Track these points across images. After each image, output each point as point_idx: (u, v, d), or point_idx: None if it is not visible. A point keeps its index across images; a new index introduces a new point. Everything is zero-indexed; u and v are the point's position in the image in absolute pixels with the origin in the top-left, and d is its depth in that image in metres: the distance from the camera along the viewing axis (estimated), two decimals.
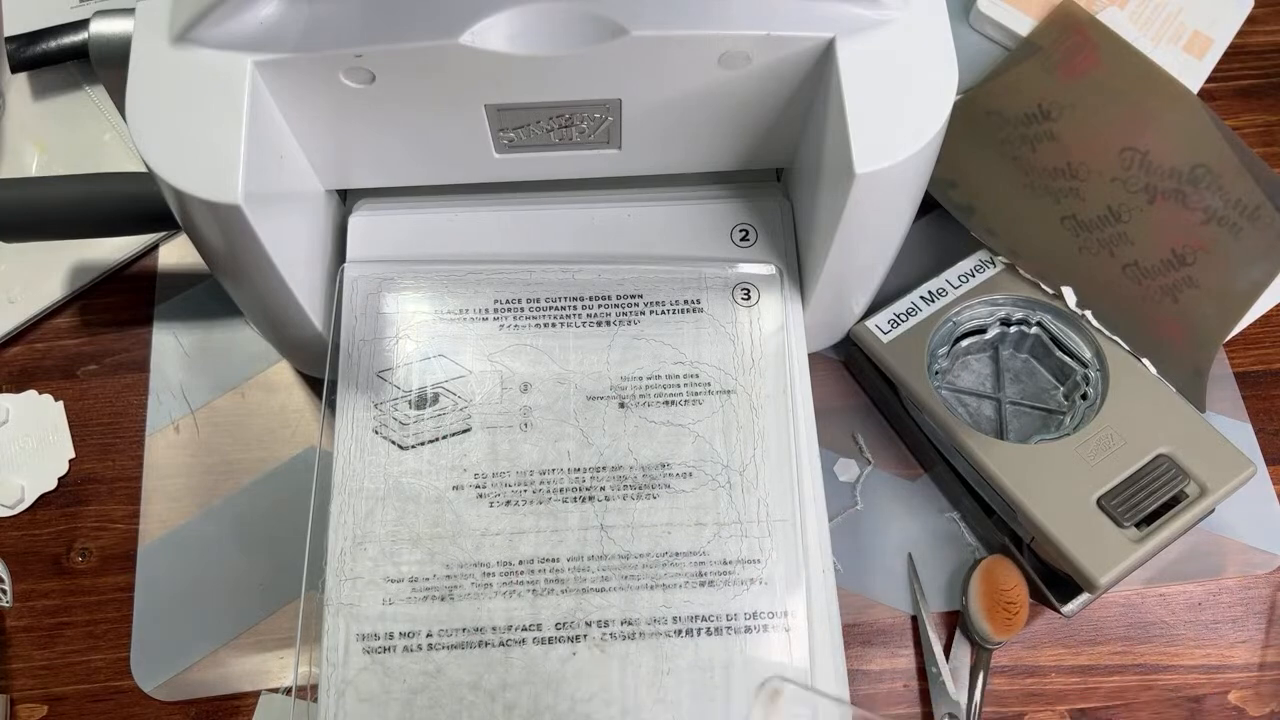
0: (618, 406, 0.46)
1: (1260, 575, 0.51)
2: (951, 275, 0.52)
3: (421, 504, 0.44)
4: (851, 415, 0.54)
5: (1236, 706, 0.49)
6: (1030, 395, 0.52)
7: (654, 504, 0.44)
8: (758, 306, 0.48)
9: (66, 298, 0.56)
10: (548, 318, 0.47)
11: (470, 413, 0.45)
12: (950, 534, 0.51)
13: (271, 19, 0.38)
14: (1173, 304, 0.51)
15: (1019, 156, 0.54)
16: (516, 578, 0.43)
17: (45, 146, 0.59)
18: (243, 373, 0.54)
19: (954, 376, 0.52)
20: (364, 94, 0.40)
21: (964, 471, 0.49)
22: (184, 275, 0.57)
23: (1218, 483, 0.46)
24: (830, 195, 0.42)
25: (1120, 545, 0.45)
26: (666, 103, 0.43)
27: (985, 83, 0.56)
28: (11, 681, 0.49)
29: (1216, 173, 0.52)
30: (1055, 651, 0.50)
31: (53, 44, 0.58)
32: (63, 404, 0.54)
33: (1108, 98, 0.54)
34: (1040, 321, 0.51)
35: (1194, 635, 0.50)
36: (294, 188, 0.44)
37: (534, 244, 0.49)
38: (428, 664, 0.42)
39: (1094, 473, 0.46)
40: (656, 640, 0.42)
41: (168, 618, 0.49)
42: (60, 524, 0.52)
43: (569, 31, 0.39)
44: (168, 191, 0.38)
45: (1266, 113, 0.61)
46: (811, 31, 0.39)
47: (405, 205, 0.49)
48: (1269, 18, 0.63)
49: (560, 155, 0.45)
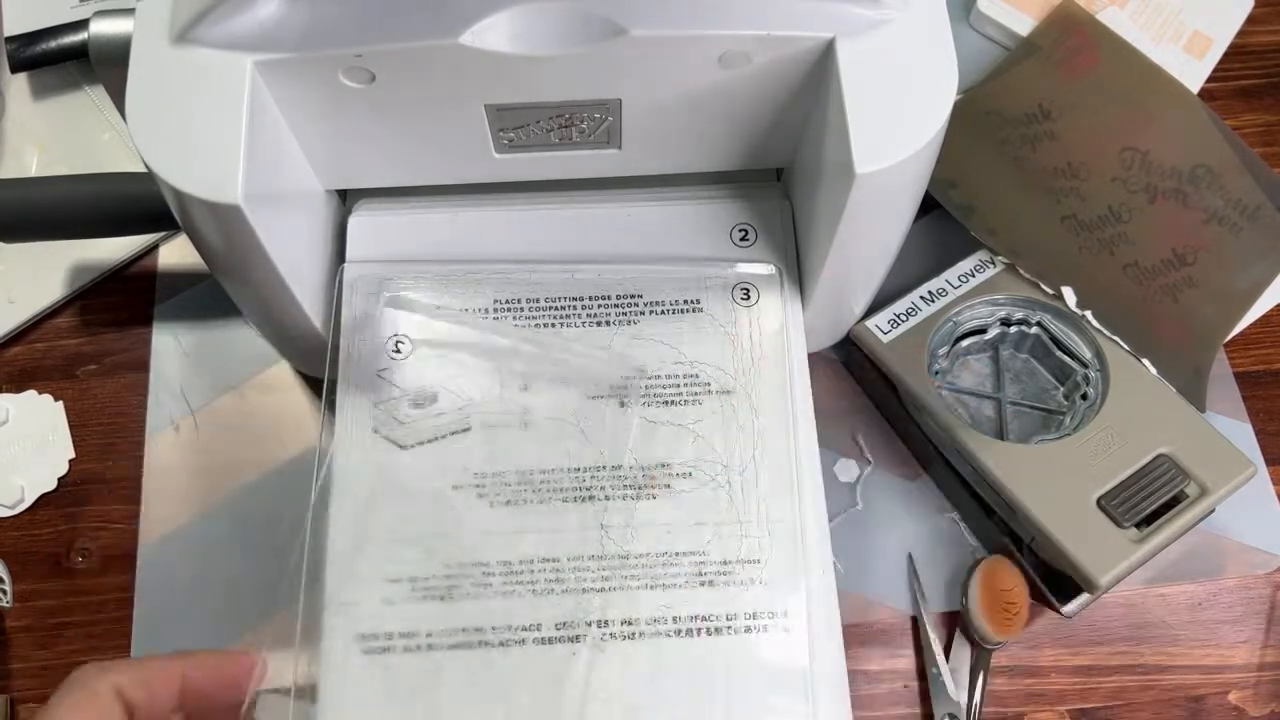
0: (618, 406, 0.46)
1: (1260, 575, 0.51)
2: (951, 275, 0.52)
3: (421, 504, 0.44)
4: (851, 415, 0.53)
5: (1236, 706, 0.49)
6: (1030, 395, 0.52)
7: (654, 504, 0.44)
8: (757, 306, 0.48)
9: (66, 298, 0.56)
10: (548, 318, 0.47)
11: (470, 412, 0.45)
12: (950, 534, 0.51)
13: (271, 19, 0.38)
14: (1173, 304, 0.51)
15: (1019, 156, 0.54)
16: (516, 577, 0.43)
17: (45, 146, 0.59)
18: (243, 373, 0.54)
19: (954, 376, 0.52)
20: (364, 94, 0.40)
21: (964, 471, 0.49)
22: (184, 275, 0.57)
23: (1218, 483, 0.46)
24: (830, 195, 0.42)
25: (1120, 545, 0.45)
26: (666, 102, 0.43)
27: (985, 83, 0.56)
28: (11, 681, 0.49)
29: (1217, 173, 0.52)
30: (1055, 651, 0.50)
31: (53, 44, 0.58)
32: (63, 404, 0.54)
33: (1108, 98, 0.54)
34: (1040, 321, 0.51)
35: (1194, 635, 0.50)
36: (294, 188, 0.44)
37: (534, 244, 0.49)
38: (427, 664, 0.42)
39: (1094, 473, 0.46)
40: (656, 640, 0.42)
41: (168, 618, 0.49)
42: (60, 524, 0.52)
43: (569, 31, 0.39)
44: (167, 191, 0.38)
45: (1266, 113, 0.61)
46: (811, 31, 0.39)
47: (405, 205, 0.49)
48: (1269, 18, 0.63)
49: (560, 155, 0.45)
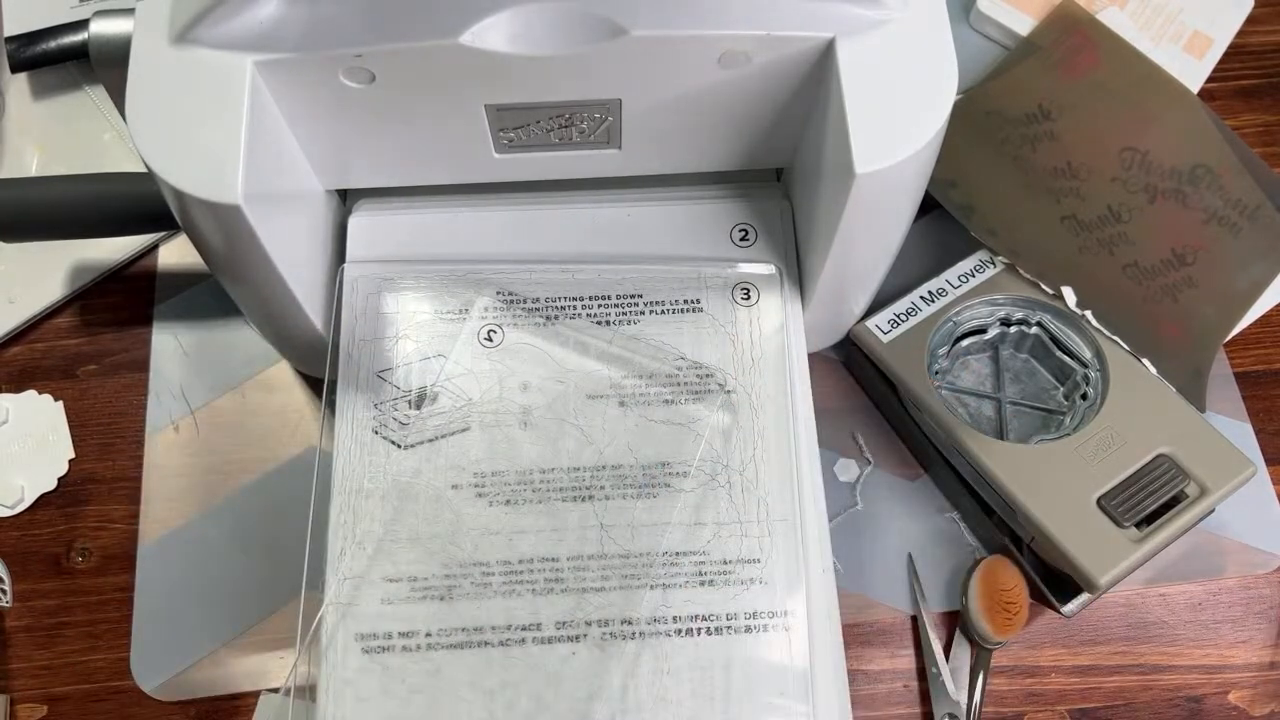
0: (617, 405, 0.46)
1: (1260, 575, 0.51)
2: (951, 275, 0.52)
3: (421, 503, 0.44)
4: (851, 415, 0.53)
5: (1236, 706, 0.49)
6: (1030, 395, 0.52)
7: (654, 503, 0.44)
8: (757, 306, 0.48)
9: (66, 298, 0.56)
10: (547, 317, 0.47)
11: (470, 412, 0.45)
12: (950, 534, 0.51)
13: (271, 19, 0.38)
14: (1173, 304, 0.51)
15: (1019, 156, 0.54)
16: (516, 577, 0.43)
17: (45, 146, 0.59)
18: (243, 373, 0.54)
19: (954, 376, 0.52)
20: (364, 94, 0.40)
21: (964, 471, 0.49)
22: (184, 275, 0.57)
23: (1218, 483, 0.46)
24: (830, 195, 0.42)
25: (1120, 545, 0.45)
26: (666, 103, 0.43)
27: (985, 83, 0.56)
28: (11, 681, 0.49)
29: (1216, 173, 0.52)
30: (1055, 651, 0.50)
31: (53, 44, 0.58)
32: (63, 404, 0.54)
33: (1108, 98, 0.54)
34: (1040, 321, 0.51)
35: (1194, 635, 0.50)
36: (294, 188, 0.44)
37: (534, 244, 0.49)
38: (427, 663, 0.42)
39: (1094, 473, 0.46)
40: (656, 640, 0.42)
41: (168, 618, 0.49)
42: (60, 524, 0.52)
43: (569, 31, 0.39)
44: (167, 191, 0.38)
45: (1266, 113, 0.61)
46: (811, 31, 0.39)
47: (405, 205, 0.49)
48: (1269, 18, 0.63)
49: (560, 155, 0.45)
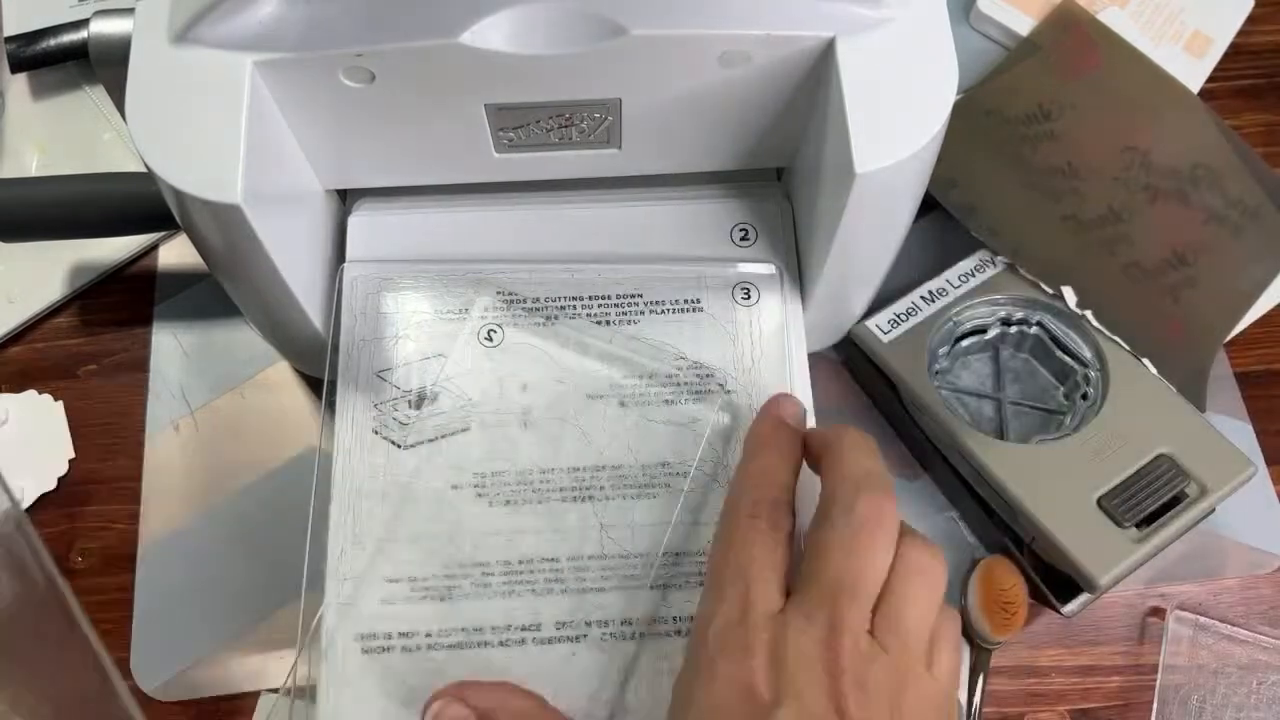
0: (617, 405, 0.46)
1: (1260, 575, 0.51)
2: (952, 275, 0.52)
3: (421, 504, 0.44)
4: (851, 415, 0.53)
5: None
6: (1030, 395, 0.52)
7: (654, 503, 0.44)
8: (757, 306, 0.47)
9: (66, 298, 0.56)
10: (547, 317, 0.47)
11: (470, 412, 0.45)
12: (950, 534, 0.51)
13: (271, 19, 0.38)
14: (1173, 304, 0.51)
15: (1019, 156, 0.54)
16: (516, 577, 0.43)
17: (45, 146, 0.59)
18: (243, 373, 0.54)
19: (954, 376, 0.52)
20: (364, 94, 0.40)
21: (964, 471, 0.49)
22: (184, 275, 0.57)
23: (1218, 483, 0.46)
24: (830, 195, 0.42)
25: (1120, 545, 0.45)
26: (667, 102, 0.43)
27: (985, 83, 0.56)
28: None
29: (1217, 172, 0.52)
30: (1055, 651, 0.50)
31: (52, 44, 0.58)
32: (63, 404, 0.54)
33: (1108, 98, 0.54)
34: (1040, 321, 0.51)
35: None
36: (294, 188, 0.44)
37: (534, 244, 0.49)
38: (427, 664, 0.42)
39: (1094, 473, 0.46)
40: (656, 640, 0.42)
41: (168, 618, 0.49)
42: (60, 524, 0.52)
43: (569, 31, 0.39)
44: (167, 191, 0.38)
45: (1267, 113, 0.61)
46: (812, 31, 0.39)
47: (405, 205, 0.49)
48: (1269, 18, 0.63)
49: (560, 155, 0.45)
